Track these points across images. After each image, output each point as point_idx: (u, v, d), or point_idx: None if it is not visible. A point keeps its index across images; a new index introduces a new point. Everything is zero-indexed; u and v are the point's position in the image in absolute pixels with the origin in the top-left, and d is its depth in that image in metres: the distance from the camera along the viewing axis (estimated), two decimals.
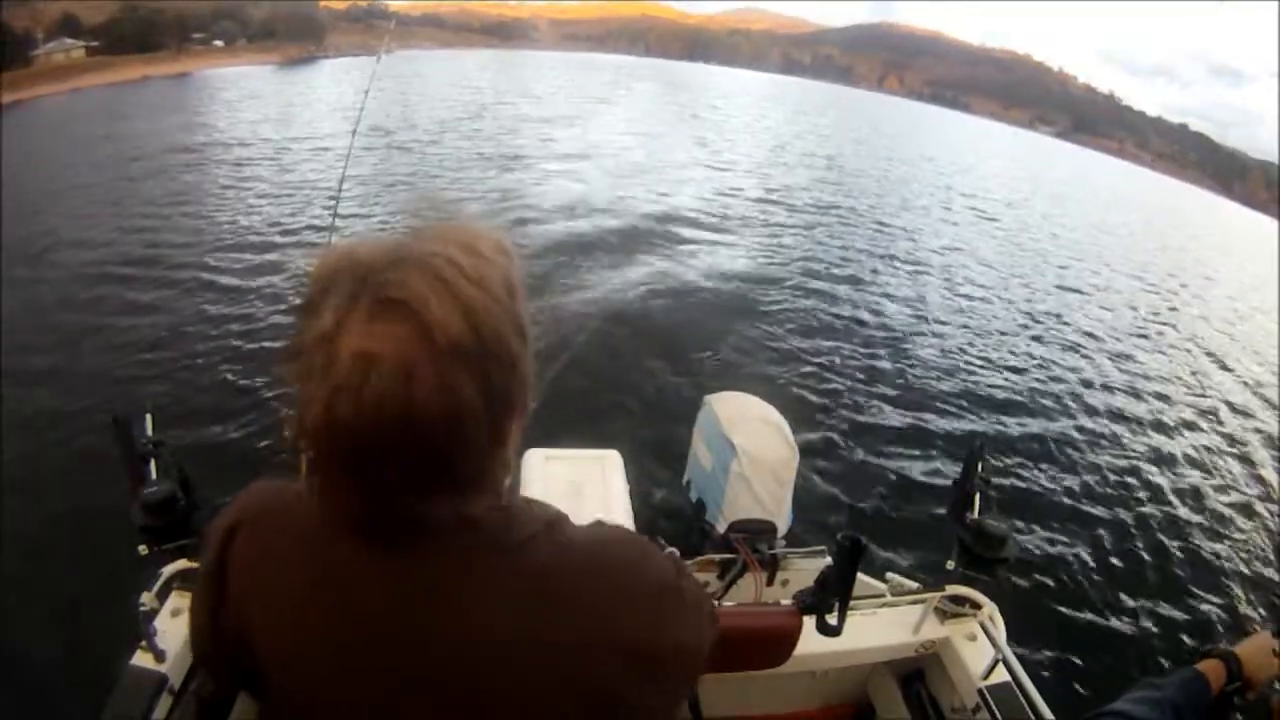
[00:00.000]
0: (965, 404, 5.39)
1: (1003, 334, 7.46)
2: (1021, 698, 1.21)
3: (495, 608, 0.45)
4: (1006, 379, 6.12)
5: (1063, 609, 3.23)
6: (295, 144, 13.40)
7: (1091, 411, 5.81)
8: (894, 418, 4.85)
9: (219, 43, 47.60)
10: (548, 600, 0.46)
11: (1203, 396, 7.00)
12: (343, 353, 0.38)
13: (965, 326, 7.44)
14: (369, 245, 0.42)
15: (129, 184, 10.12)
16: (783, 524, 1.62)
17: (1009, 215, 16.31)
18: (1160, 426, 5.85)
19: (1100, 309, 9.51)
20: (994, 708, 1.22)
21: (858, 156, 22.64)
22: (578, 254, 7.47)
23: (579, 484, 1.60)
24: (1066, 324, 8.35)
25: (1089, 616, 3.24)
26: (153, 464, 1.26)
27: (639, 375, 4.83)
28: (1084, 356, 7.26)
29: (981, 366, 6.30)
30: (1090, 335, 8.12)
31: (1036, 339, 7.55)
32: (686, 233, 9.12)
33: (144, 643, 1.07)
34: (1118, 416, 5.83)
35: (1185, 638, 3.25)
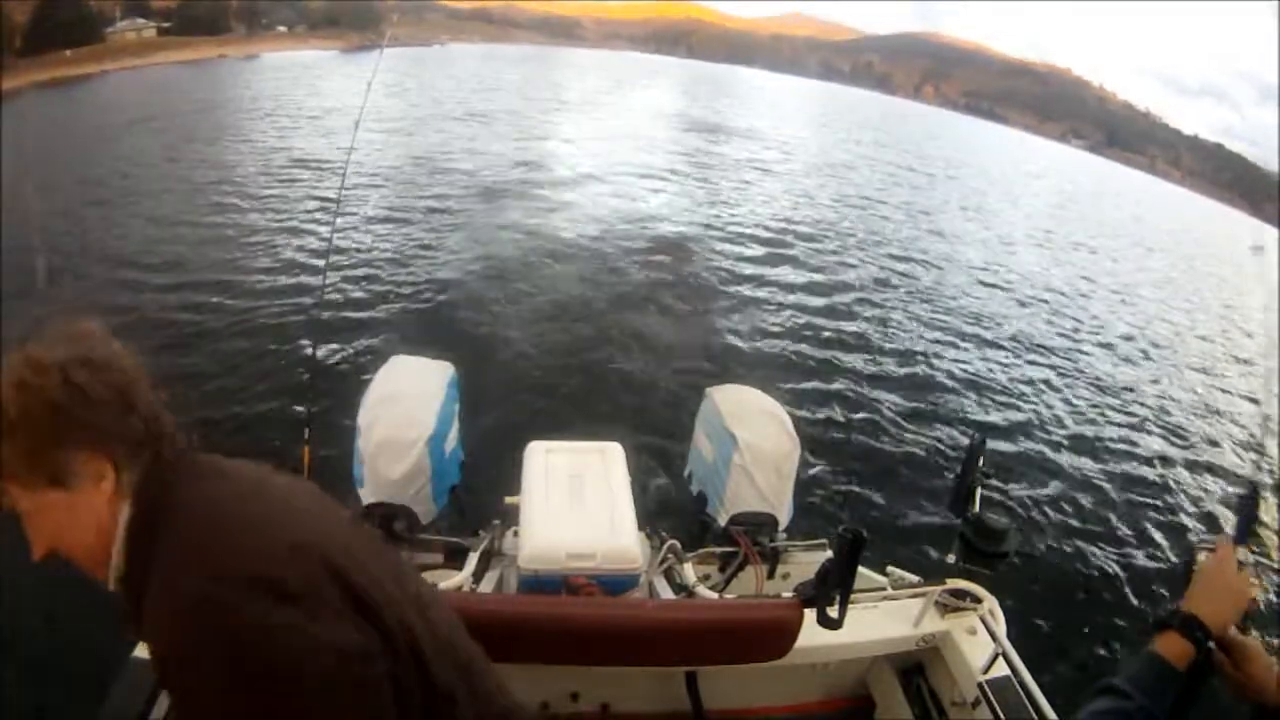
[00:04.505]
0: (969, 398, 5.33)
1: (1007, 327, 7.36)
2: (1021, 692, 1.20)
3: None
4: (1010, 374, 6.01)
5: (1064, 604, 3.16)
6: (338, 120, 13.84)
7: (1098, 406, 5.73)
8: (897, 412, 4.82)
9: (282, 28, 49.95)
10: None
11: (1211, 377, 7.08)
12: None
13: (968, 321, 7.32)
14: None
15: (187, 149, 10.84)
16: (784, 517, 1.62)
17: (996, 215, 16.01)
18: (1162, 422, 5.74)
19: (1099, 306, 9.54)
20: (993, 701, 1.22)
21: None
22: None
23: (580, 476, 1.55)
24: (1071, 323, 8.29)
25: (1091, 612, 3.17)
26: None
27: (634, 365, 4.89)
28: (1091, 357, 7.11)
29: (985, 361, 6.20)
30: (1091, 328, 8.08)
31: (1047, 332, 7.48)
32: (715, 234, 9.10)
33: None
34: (1122, 411, 5.73)
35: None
